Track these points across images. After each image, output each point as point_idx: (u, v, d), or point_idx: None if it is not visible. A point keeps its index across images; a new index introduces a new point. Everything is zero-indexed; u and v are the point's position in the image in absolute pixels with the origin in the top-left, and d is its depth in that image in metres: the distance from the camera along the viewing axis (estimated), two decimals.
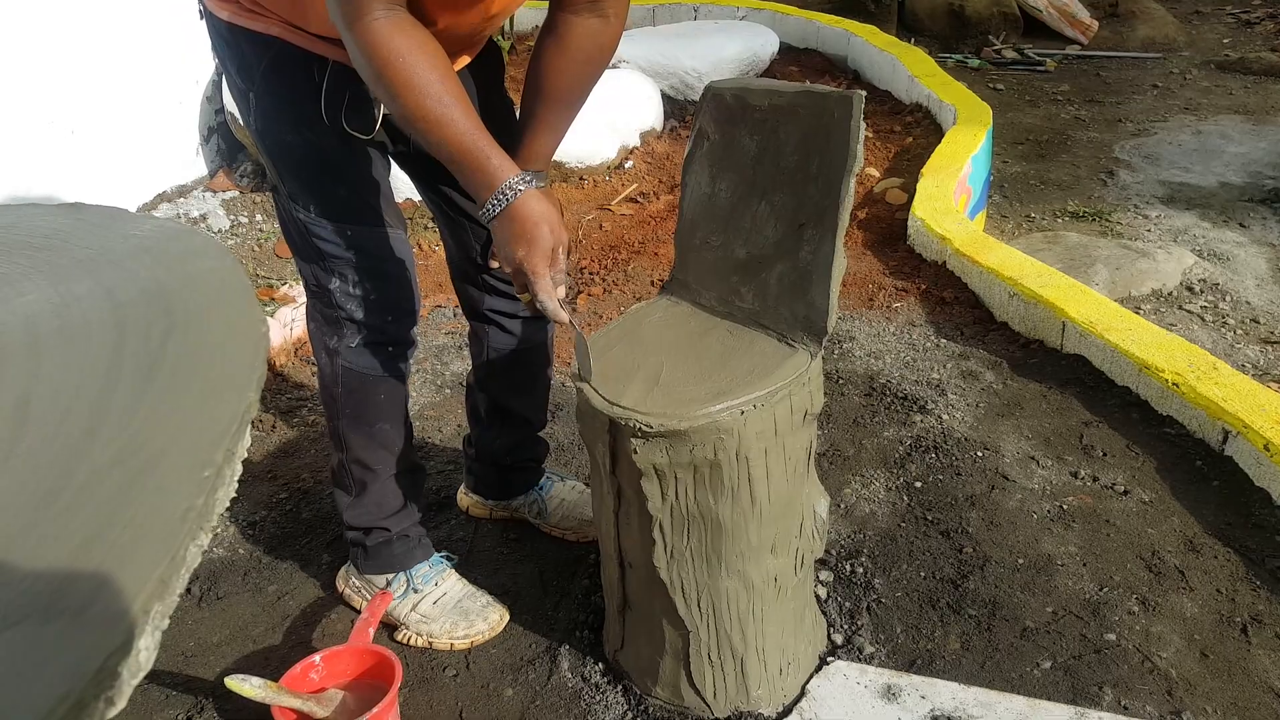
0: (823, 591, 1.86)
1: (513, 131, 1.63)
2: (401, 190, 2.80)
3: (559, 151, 4.11)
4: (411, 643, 1.82)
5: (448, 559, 1.96)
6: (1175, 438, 2.24)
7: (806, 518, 1.55)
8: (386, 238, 1.66)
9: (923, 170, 3.64)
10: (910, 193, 3.60)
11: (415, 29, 1.34)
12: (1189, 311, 3.18)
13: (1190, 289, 3.31)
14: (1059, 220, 3.99)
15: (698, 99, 1.72)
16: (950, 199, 3.40)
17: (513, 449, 2.05)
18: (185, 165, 3.76)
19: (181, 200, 3.59)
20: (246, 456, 0.68)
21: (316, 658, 1.65)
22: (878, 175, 3.99)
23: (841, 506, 2.11)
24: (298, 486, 2.32)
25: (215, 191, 3.71)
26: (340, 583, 1.95)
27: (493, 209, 1.38)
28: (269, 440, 2.49)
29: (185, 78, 3.74)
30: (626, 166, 4.24)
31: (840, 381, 2.61)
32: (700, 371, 1.42)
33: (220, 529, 2.15)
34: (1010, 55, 6.20)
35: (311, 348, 1.90)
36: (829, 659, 1.71)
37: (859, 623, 1.80)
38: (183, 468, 0.65)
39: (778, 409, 1.38)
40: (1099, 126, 5.04)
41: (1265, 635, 1.74)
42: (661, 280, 3.09)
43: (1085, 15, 6.51)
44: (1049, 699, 1.62)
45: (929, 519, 2.05)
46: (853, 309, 3.03)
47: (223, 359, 0.78)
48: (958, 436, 2.32)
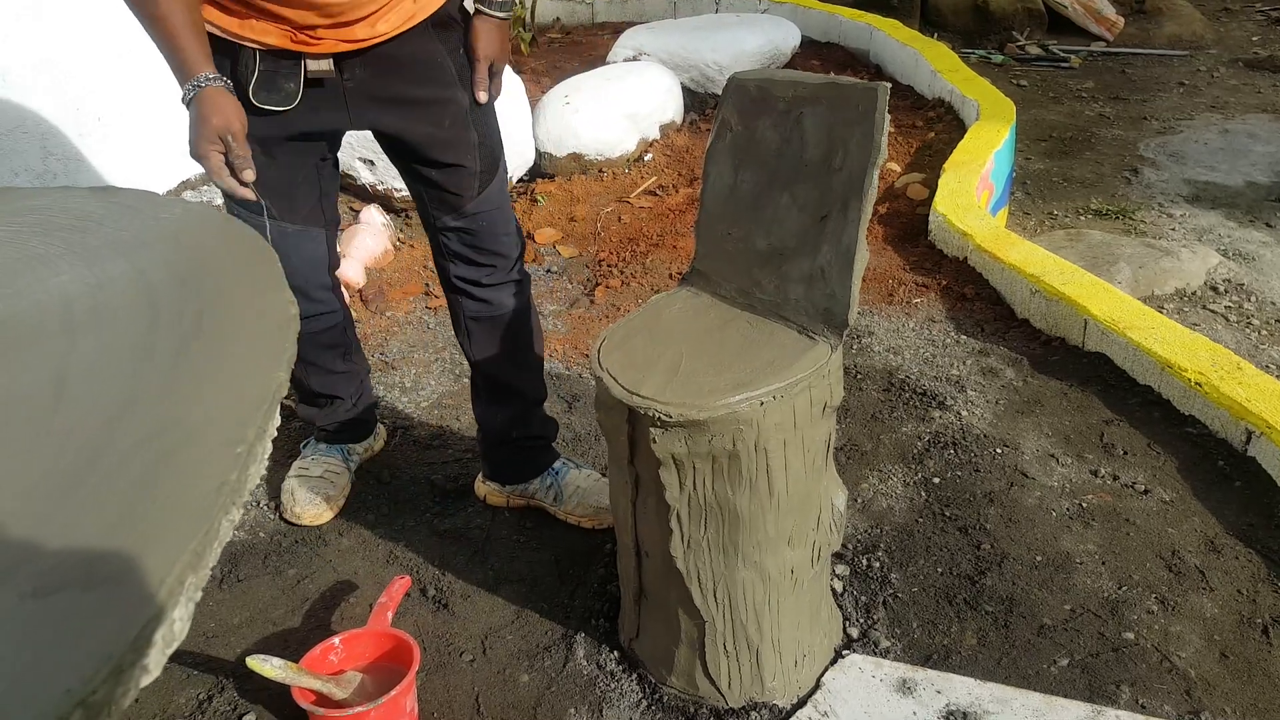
0: (839, 585, 1.86)
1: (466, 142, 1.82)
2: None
3: (577, 143, 4.12)
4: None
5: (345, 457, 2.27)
6: (1197, 437, 2.23)
7: (824, 510, 1.55)
8: (259, 224, 1.78)
9: (945, 166, 3.62)
10: (931, 188, 3.58)
11: None
12: (1213, 311, 3.16)
13: (1214, 289, 3.29)
14: (1082, 218, 3.97)
15: (719, 92, 1.73)
16: (972, 195, 3.38)
17: (514, 423, 2.09)
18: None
19: (205, 188, 3.61)
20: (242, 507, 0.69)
21: (336, 640, 1.67)
22: (899, 170, 3.98)
23: (858, 501, 2.11)
24: None
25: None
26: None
27: (184, 97, 1.59)
28: (289, 427, 2.51)
29: None
30: (646, 159, 4.24)
31: (859, 377, 2.61)
32: (720, 362, 1.42)
33: (241, 512, 2.16)
34: (1034, 51, 6.17)
35: None
36: (844, 652, 1.71)
37: (875, 617, 1.80)
38: (215, 444, 0.66)
39: (797, 401, 1.39)
40: (1124, 124, 5.01)
41: None
42: (680, 273, 3.09)
43: (1111, 11, 6.46)
44: (1065, 696, 1.61)
45: (946, 515, 2.05)
46: (872, 304, 3.02)
47: (253, 339, 0.79)
48: (977, 433, 2.31)
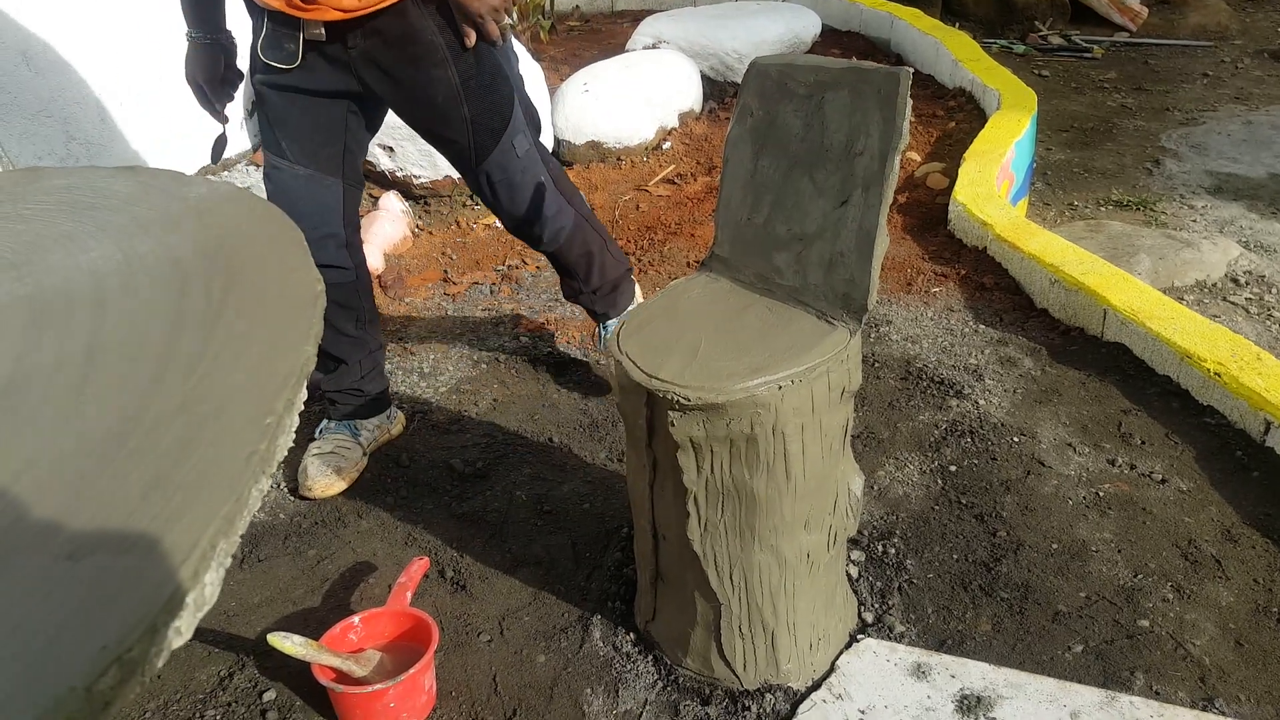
0: (854, 571, 1.87)
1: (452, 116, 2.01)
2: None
3: (596, 130, 4.13)
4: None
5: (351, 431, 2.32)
6: (1216, 428, 2.22)
7: (841, 495, 1.56)
8: (276, 166, 2.02)
9: (965, 155, 3.61)
10: (951, 178, 3.57)
11: None
12: (1233, 303, 3.14)
13: (1235, 280, 3.27)
14: (1102, 209, 3.95)
15: (738, 80, 1.75)
16: (992, 184, 3.37)
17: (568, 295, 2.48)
18: (229, 139, 3.80)
19: (225, 174, 3.64)
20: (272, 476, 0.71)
21: (355, 619, 1.69)
22: (919, 159, 3.97)
23: (875, 488, 2.12)
24: None
25: (258, 165, 3.76)
26: None
27: None
28: (312, 410, 2.53)
29: None
30: (664, 147, 4.24)
31: (877, 365, 2.61)
32: (738, 347, 1.43)
33: (269, 483, 2.19)
34: (1056, 41, 6.12)
35: None
36: (859, 636, 1.72)
37: (890, 602, 1.81)
38: (245, 415, 0.67)
39: (815, 385, 1.39)
40: (1146, 115, 4.97)
41: None
42: (698, 261, 3.10)
43: (1135, 2, 6.41)
44: (1080, 682, 1.62)
45: (963, 502, 2.06)
46: (891, 293, 3.02)
47: (280, 314, 0.81)
48: (994, 422, 2.31)
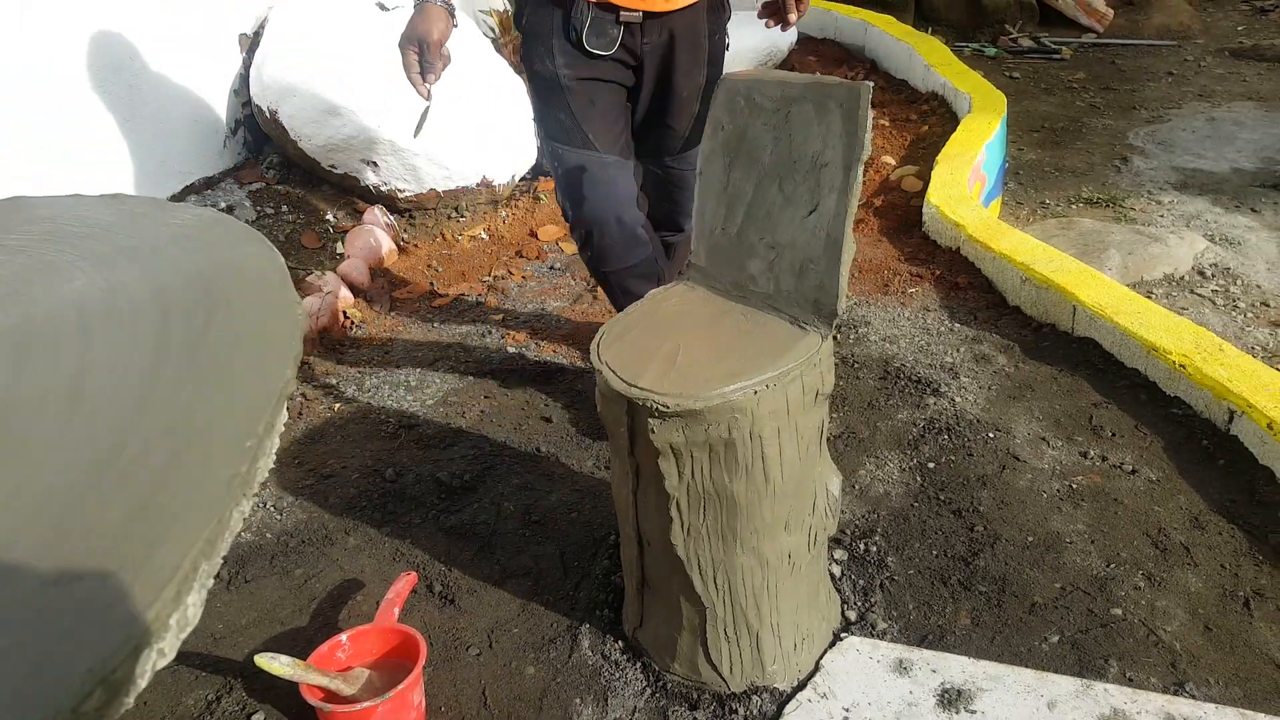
0: (837, 570, 1.91)
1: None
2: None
3: None
4: None
5: None
6: (1182, 418, 2.28)
7: (819, 496, 1.59)
8: (586, 157, 2.13)
9: (937, 158, 3.66)
10: (925, 180, 3.62)
11: None
12: (1200, 295, 3.20)
13: (1202, 273, 3.33)
14: (1073, 206, 4.01)
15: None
16: (964, 186, 3.42)
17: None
18: (213, 158, 3.82)
19: (209, 192, 3.65)
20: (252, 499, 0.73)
21: (343, 637, 1.71)
22: (893, 163, 4.02)
23: (856, 487, 2.15)
24: (323, 472, 2.37)
25: (242, 184, 3.77)
26: None
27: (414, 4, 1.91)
28: (295, 427, 2.55)
29: (213, 72, 3.80)
30: None
31: (855, 366, 2.65)
32: (715, 353, 1.46)
33: (248, 514, 2.20)
34: (1026, 44, 6.20)
35: None
36: (843, 635, 1.75)
37: (872, 600, 1.84)
38: (227, 438, 0.70)
39: (790, 389, 1.43)
40: (1114, 114, 5.05)
41: (1267, 609, 1.77)
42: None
43: (1101, 3, 6.50)
44: (1056, 671, 1.66)
45: (941, 499, 2.09)
46: (868, 295, 3.06)
47: (261, 338, 0.83)
48: (970, 418, 2.35)
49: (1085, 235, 3.48)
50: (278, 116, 3.65)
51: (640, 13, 2.01)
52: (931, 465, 2.20)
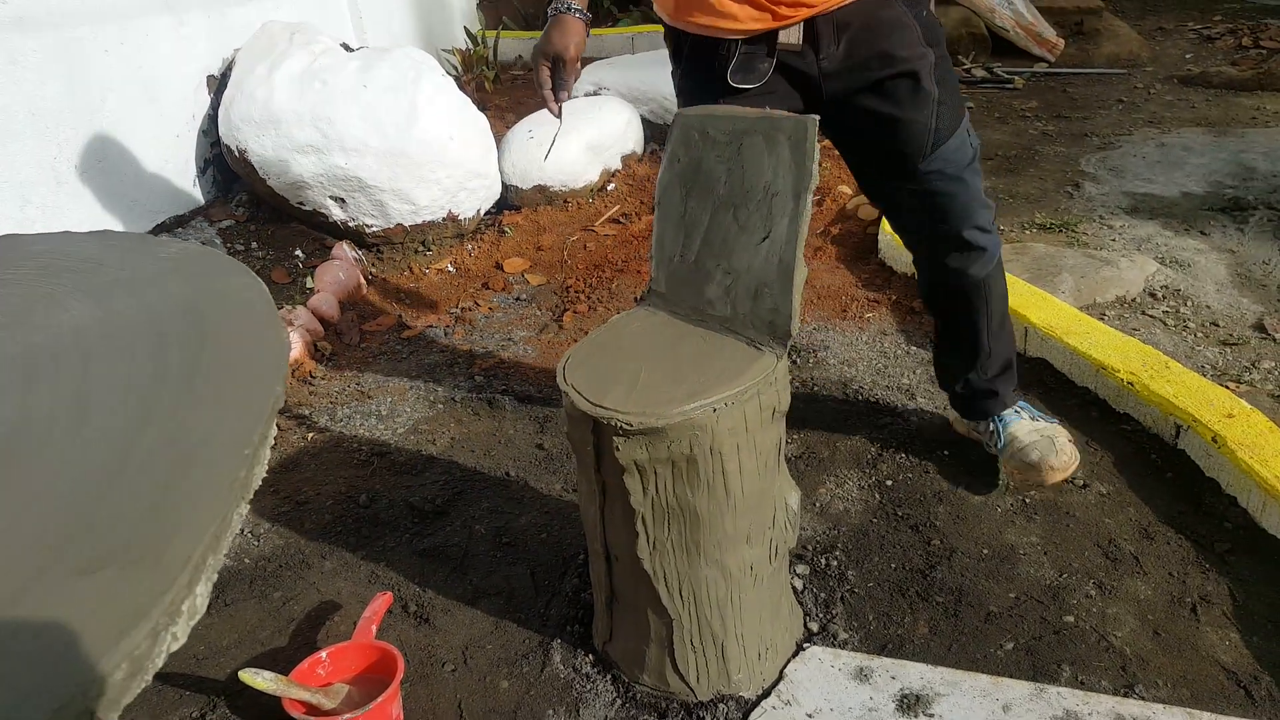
0: (799, 583, 1.98)
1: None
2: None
3: (542, 175, 4.24)
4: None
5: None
6: (1131, 434, 2.37)
7: (779, 510, 1.67)
8: None
9: None
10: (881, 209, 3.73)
11: None
12: (1151, 316, 3.31)
13: (1153, 295, 3.45)
14: (1027, 232, 4.13)
15: None
16: None
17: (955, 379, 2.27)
18: (183, 196, 3.88)
19: (180, 230, 3.70)
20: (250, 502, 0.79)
21: (323, 654, 1.75)
22: (849, 192, 4.13)
23: (816, 505, 2.23)
24: (298, 499, 2.42)
25: (212, 221, 3.82)
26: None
27: (549, 11, 1.89)
28: (270, 457, 2.58)
29: (182, 112, 3.87)
30: (609, 189, 4.37)
31: (815, 388, 2.74)
32: (676, 374, 1.53)
33: (245, 516, 2.25)
34: (980, 74, 6.38)
35: None
36: (805, 645, 1.82)
37: (833, 611, 1.91)
38: (226, 447, 0.76)
39: (747, 407, 1.50)
40: (1066, 141, 5.20)
41: (1213, 614, 1.86)
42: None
43: (1051, 34, 6.70)
44: (1011, 676, 1.73)
45: (899, 514, 2.17)
46: (827, 320, 3.15)
47: (251, 360, 0.90)
48: (926, 437, 2.44)
49: (1039, 260, 3.60)
50: (246, 155, 3.71)
51: (799, 33, 1.81)
52: (890, 483, 2.29)
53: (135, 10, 3.61)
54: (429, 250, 3.92)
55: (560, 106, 1.93)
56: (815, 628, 1.87)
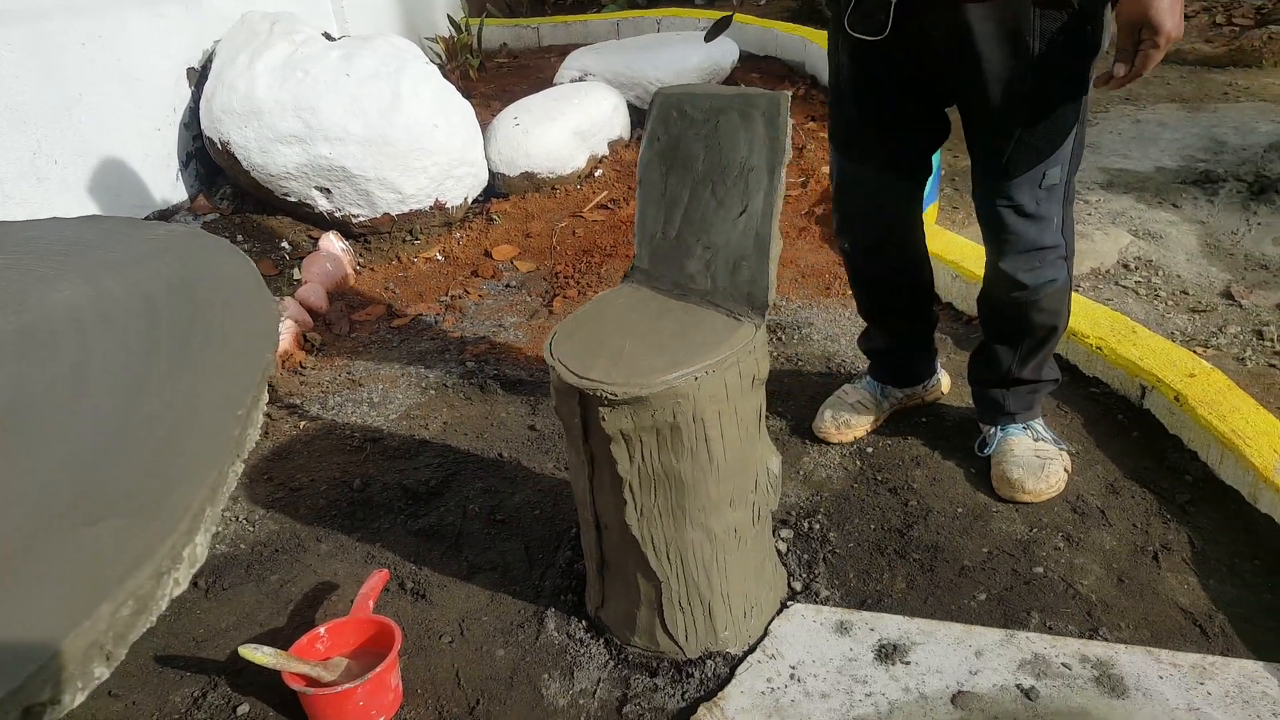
0: (783, 546, 2.04)
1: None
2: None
3: (529, 162, 4.27)
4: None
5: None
6: (1100, 396, 2.45)
7: (761, 474, 1.73)
8: (841, 163, 2.11)
9: None
10: None
11: None
12: (1124, 287, 3.39)
13: (1126, 266, 3.52)
14: None
15: None
16: None
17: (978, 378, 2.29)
18: (166, 190, 3.92)
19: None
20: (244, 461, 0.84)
21: (321, 629, 1.80)
22: None
23: (800, 473, 2.29)
24: (292, 486, 2.47)
25: (196, 214, 3.86)
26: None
27: None
28: (262, 445, 2.64)
29: (162, 105, 3.90)
30: (596, 175, 4.42)
31: (799, 363, 2.80)
32: (659, 346, 1.59)
33: (221, 528, 2.30)
34: None
35: None
36: (789, 603, 1.88)
37: (816, 571, 1.98)
38: (220, 410, 0.82)
39: (728, 375, 1.56)
40: None
41: (1173, 561, 1.94)
42: None
43: None
44: (983, 625, 1.80)
45: (879, 479, 2.24)
46: (811, 298, 3.21)
47: (243, 330, 0.95)
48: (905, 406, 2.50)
49: None
50: (229, 147, 3.74)
51: None
52: (869, 450, 2.35)
53: (111, 2, 3.64)
54: (417, 239, 3.96)
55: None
56: (798, 587, 1.94)
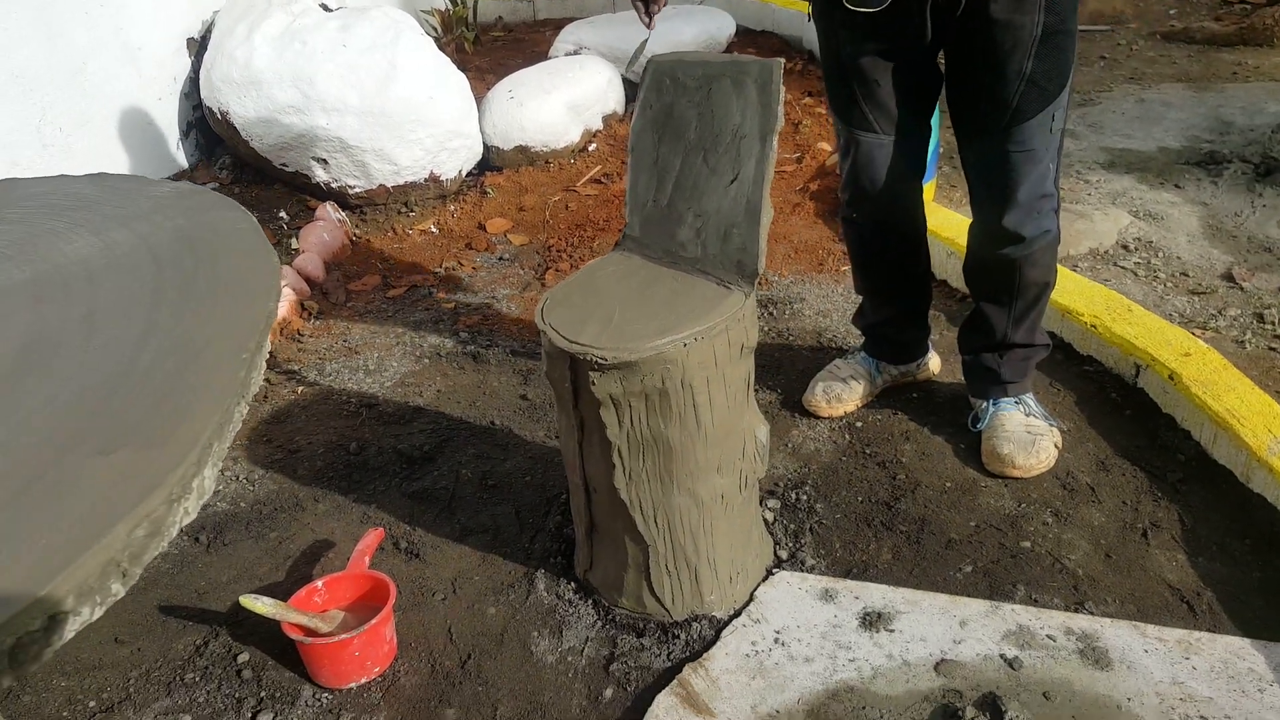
0: (770, 516, 2.07)
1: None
2: None
3: (523, 135, 4.27)
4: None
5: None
6: (1094, 374, 2.47)
7: (748, 441, 1.75)
8: (853, 136, 2.10)
9: None
10: None
11: None
12: (1123, 267, 3.40)
13: (1125, 247, 3.53)
14: None
15: None
16: None
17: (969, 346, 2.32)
18: (166, 160, 3.93)
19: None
20: (242, 424, 0.87)
21: (319, 583, 1.84)
22: (829, 149, 4.20)
23: (789, 446, 2.32)
24: (291, 448, 2.50)
25: (196, 184, 3.88)
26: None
27: None
28: (261, 409, 2.67)
29: (163, 75, 3.91)
30: (590, 149, 4.42)
31: (791, 338, 2.82)
32: (649, 313, 1.61)
33: (222, 486, 2.34)
34: None
35: None
36: (775, 570, 1.91)
37: (802, 541, 2.01)
38: (225, 353, 0.84)
39: (716, 342, 1.58)
40: None
41: (1163, 538, 1.96)
42: None
43: None
44: (969, 596, 1.83)
45: (867, 453, 2.27)
46: (804, 273, 3.23)
47: (245, 281, 0.97)
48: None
49: None
50: (228, 118, 3.75)
51: None
52: (859, 424, 2.38)
53: None
54: (412, 211, 3.98)
55: (652, 19, 1.99)
56: (784, 555, 1.97)
